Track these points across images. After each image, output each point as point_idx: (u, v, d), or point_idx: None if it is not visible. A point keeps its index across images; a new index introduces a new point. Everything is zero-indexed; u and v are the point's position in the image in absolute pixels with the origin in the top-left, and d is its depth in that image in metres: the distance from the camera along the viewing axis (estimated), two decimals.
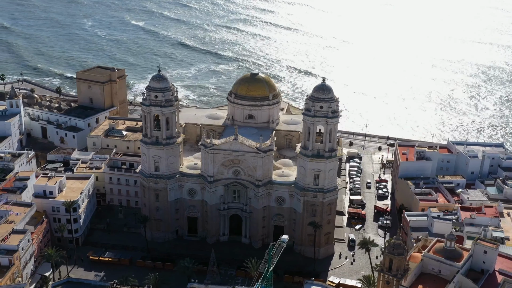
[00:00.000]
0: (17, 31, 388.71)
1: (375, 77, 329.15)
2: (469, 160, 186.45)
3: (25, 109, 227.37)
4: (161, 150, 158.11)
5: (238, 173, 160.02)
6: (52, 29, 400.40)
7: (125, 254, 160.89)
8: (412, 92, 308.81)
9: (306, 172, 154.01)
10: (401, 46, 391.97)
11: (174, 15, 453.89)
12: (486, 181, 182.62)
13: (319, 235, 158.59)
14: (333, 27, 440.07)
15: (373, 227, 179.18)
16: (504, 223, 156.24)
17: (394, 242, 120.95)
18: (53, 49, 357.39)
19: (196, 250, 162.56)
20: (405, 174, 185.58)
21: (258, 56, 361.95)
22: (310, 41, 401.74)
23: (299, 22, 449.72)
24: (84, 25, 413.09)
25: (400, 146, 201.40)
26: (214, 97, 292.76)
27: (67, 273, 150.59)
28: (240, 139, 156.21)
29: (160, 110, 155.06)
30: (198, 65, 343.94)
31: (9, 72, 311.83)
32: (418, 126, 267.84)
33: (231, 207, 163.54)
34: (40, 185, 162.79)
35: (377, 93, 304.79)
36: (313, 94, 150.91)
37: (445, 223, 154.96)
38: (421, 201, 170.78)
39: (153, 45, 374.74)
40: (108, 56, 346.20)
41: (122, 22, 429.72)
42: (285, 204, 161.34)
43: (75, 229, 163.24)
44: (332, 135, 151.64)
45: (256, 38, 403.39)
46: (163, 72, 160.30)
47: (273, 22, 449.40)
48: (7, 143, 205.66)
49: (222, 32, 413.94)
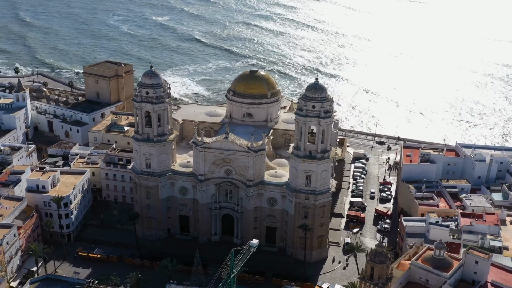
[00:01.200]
0: (38, 25, 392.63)
1: (392, 77, 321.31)
2: (476, 164, 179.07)
3: (32, 102, 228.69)
4: (152, 147, 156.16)
5: (230, 172, 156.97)
6: (72, 23, 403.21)
7: (116, 251, 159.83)
8: (432, 93, 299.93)
9: (297, 173, 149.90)
10: (425, 44, 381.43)
11: (196, 11, 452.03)
12: (493, 186, 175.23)
13: (311, 238, 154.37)
14: (356, 24, 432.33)
15: (372, 231, 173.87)
16: (505, 232, 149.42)
17: (376, 250, 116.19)
18: (72, 43, 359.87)
19: (187, 249, 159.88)
20: (408, 177, 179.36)
21: (276, 53, 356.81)
22: (332, 39, 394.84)
23: (323, 20, 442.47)
24: (106, 20, 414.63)
25: (405, 147, 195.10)
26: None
27: (55, 269, 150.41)
28: (231, 138, 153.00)
29: (151, 106, 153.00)
30: (215, 61, 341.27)
31: (26, 65, 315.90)
32: (429, 127, 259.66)
33: (223, 207, 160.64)
34: (33, 180, 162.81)
35: (393, 93, 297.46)
36: (306, 93, 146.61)
37: (442, 229, 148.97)
38: (420, 205, 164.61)
39: (172, 41, 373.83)
40: (125, 51, 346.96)
41: (144, 17, 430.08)
42: (277, 205, 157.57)
43: (67, 224, 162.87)
44: (325, 135, 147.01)
45: (276, 35, 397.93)
46: (155, 69, 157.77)
47: (295, 19, 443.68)
48: (12, 136, 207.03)
49: (242, 29, 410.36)
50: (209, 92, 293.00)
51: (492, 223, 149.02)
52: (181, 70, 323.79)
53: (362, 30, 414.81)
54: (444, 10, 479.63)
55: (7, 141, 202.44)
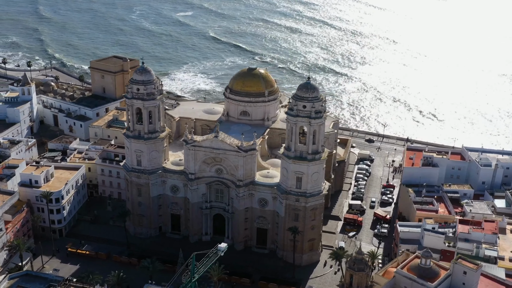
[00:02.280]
0: (55, 20, 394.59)
1: (406, 76, 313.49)
2: (480, 168, 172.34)
3: (39, 96, 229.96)
4: (142, 144, 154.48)
5: (220, 172, 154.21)
6: (92, 18, 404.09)
7: (106, 248, 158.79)
8: (447, 95, 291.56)
9: (288, 175, 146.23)
10: (444, 44, 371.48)
11: (215, 8, 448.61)
12: (497, 192, 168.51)
13: (301, 241, 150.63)
14: (374, 22, 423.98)
15: (368, 235, 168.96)
16: (503, 240, 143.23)
17: (355, 257, 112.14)
18: (88, 38, 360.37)
19: (176, 249, 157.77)
20: (409, 180, 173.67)
21: (292, 51, 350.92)
22: (349, 37, 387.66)
23: (342, 17, 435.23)
24: (126, 16, 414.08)
25: (408, 150, 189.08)
26: None
27: (42, 264, 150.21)
28: (222, 136, 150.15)
29: (141, 103, 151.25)
30: (231, 58, 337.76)
31: (41, 59, 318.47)
32: (442, 129, 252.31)
33: (213, 206, 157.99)
34: (26, 174, 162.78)
35: (406, 94, 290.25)
36: (297, 93, 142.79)
37: (437, 236, 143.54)
38: (418, 210, 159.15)
39: (189, 37, 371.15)
40: (140, 47, 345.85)
41: (164, 13, 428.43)
42: (268, 207, 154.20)
43: (58, 219, 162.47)
44: (316, 136, 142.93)
45: (294, 32, 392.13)
46: (146, 65, 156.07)
47: (315, 16, 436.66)
48: (15, 130, 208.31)
49: (260, 26, 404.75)
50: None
51: (489, 231, 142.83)
52: (196, 66, 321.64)
53: (379, 28, 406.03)
54: (465, 8, 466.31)
55: (11, 135, 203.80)
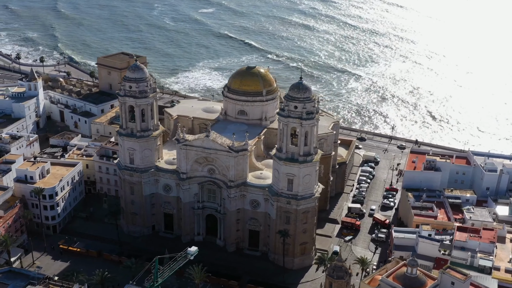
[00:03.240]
0: (72, 16, 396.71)
1: (422, 78, 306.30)
2: (484, 174, 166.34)
3: (47, 92, 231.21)
4: (135, 142, 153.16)
5: (213, 172, 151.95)
6: (109, 15, 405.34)
7: (98, 246, 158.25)
8: (462, 98, 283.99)
9: (279, 176, 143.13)
10: (466, 46, 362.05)
11: (235, 5, 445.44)
12: (501, 199, 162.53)
13: (293, 245, 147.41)
14: (396, 21, 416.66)
15: (365, 240, 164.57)
16: (501, 250, 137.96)
17: (335, 264, 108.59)
18: (103, 36, 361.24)
19: (169, 248, 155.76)
20: (410, 184, 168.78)
21: (308, 50, 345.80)
22: (367, 37, 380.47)
23: (363, 16, 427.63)
24: (146, 13, 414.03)
25: (412, 152, 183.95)
26: None
27: (33, 261, 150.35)
28: (213, 136, 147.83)
29: (134, 101, 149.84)
30: (249, 55, 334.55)
31: (55, 55, 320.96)
32: (454, 133, 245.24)
33: (206, 207, 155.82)
34: (21, 170, 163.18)
35: (419, 96, 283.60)
36: (289, 93, 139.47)
37: (432, 244, 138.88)
38: (415, 216, 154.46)
39: (207, 35, 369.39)
40: (154, 44, 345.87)
41: (183, 11, 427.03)
42: (260, 208, 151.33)
43: (52, 216, 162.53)
44: (308, 138, 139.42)
45: (311, 30, 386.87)
46: (139, 63, 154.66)
47: (335, 15, 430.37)
48: (20, 125, 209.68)
49: (278, 24, 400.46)
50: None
51: (487, 240, 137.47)
52: (211, 64, 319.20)
53: (398, 27, 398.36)
54: (487, 8, 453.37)
55: (15, 130, 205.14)
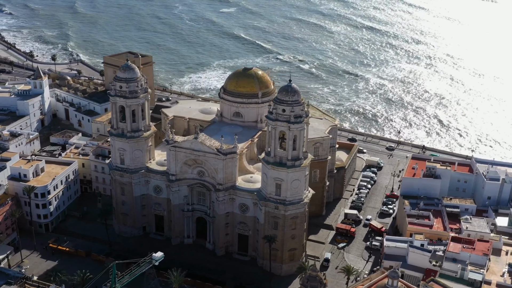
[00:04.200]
0: (88, 15, 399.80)
1: (433, 83, 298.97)
2: (485, 182, 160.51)
3: (53, 90, 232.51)
4: (125, 142, 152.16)
5: (202, 174, 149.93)
6: (127, 14, 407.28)
7: (89, 245, 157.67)
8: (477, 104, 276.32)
9: (267, 181, 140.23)
10: (481, 51, 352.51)
11: (254, 6, 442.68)
12: (501, 209, 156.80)
13: (281, 250, 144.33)
14: (413, 25, 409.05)
15: (359, 248, 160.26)
16: (495, 263, 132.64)
17: (309, 274, 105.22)
18: (117, 35, 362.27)
19: (157, 250, 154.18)
20: (408, 191, 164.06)
21: (323, 52, 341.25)
22: (383, 39, 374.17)
23: (381, 19, 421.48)
24: (164, 13, 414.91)
25: (413, 159, 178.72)
26: None
27: (21, 259, 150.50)
28: (202, 138, 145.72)
29: (124, 101, 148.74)
30: (265, 55, 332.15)
31: (77, 52, 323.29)
32: (464, 139, 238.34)
33: (196, 209, 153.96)
34: (15, 168, 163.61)
35: (431, 100, 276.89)
36: (277, 96, 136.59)
37: (423, 254, 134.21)
38: (410, 224, 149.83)
39: (222, 36, 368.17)
40: (167, 44, 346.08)
41: (202, 11, 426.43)
42: (249, 213, 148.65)
43: (44, 214, 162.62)
44: (297, 142, 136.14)
45: (330, 32, 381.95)
46: (129, 64, 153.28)
47: (353, 17, 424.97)
48: (24, 122, 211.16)
49: (294, 26, 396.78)
50: None
51: (480, 252, 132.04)
52: (226, 64, 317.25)
53: (414, 31, 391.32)
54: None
55: (19, 127, 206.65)
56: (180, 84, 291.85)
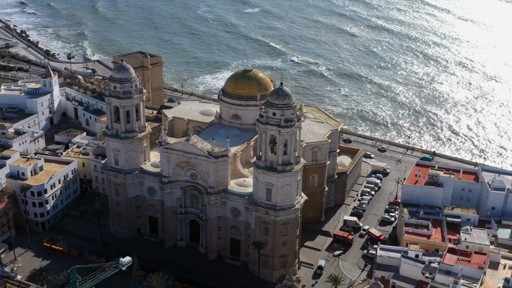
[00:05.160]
0: (107, 15, 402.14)
1: (447, 88, 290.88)
2: (490, 192, 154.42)
3: (63, 89, 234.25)
4: (119, 143, 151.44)
5: (195, 177, 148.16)
6: (147, 14, 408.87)
7: (83, 245, 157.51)
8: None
9: (258, 185, 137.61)
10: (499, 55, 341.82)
11: (274, 7, 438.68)
12: (504, 220, 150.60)
13: (272, 256, 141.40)
14: (437, 28, 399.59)
15: (356, 256, 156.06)
16: (491, 277, 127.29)
17: (285, 284, 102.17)
18: (134, 35, 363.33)
19: (150, 252, 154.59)
20: (409, 199, 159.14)
21: (339, 56, 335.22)
22: (403, 43, 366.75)
23: (404, 21, 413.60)
24: (186, 14, 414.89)
25: (417, 165, 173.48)
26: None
27: (14, 257, 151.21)
28: (194, 140, 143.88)
29: (118, 101, 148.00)
30: (284, 56, 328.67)
31: (96, 51, 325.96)
32: (477, 146, 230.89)
33: (189, 212, 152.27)
34: (14, 166, 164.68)
35: (446, 105, 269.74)
36: (268, 99, 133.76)
37: (415, 265, 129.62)
38: (406, 233, 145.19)
39: (242, 37, 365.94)
40: (183, 45, 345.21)
41: (222, 12, 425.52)
42: (241, 217, 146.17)
43: (41, 213, 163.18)
44: (288, 146, 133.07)
45: (350, 35, 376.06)
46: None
47: (374, 19, 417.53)
48: (32, 120, 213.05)
49: (313, 28, 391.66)
50: None
51: (475, 265, 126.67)
52: (245, 66, 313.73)
53: (438, 34, 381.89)
54: None
55: (27, 125, 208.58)
56: (196, 85, 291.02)
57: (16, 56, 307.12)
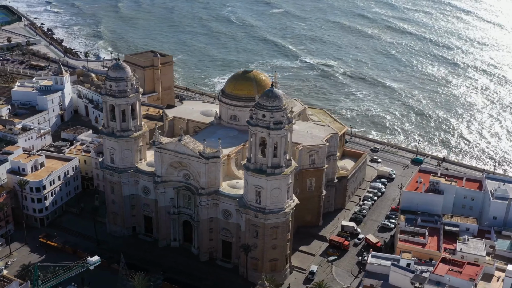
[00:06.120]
0: (130, 15, 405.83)
1: (462, 93, 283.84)
2: (491, 201, 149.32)
3: (76, 86, 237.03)
4: (114, 142, 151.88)
5: (188, 177, 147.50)
6: (168, 14, 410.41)
7: (78, 242, 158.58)
8: None
9: (248, 187, 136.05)
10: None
11: (296, 9, 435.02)
12: (505, 231, 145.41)
13: (261, 260, 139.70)
14: (458, 31, 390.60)
15: (350, 262, 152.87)
16: None
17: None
18: (158, 35, 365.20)
19: (144, 251, 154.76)
20: (408, 206, 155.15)
21: (358, 59, 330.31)
22: (425, 48, 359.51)
23: (429, 24, 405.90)
24: (208, 15, 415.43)
25: (421, 171, 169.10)
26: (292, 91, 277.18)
27: (10, 252, 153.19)
28: (186, 140, 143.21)
29: (113, 100, 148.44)
30: (303, 57, 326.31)
31: (116, 50, 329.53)
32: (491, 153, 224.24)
33: (182, 212, 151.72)
34: (15, 161, 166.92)
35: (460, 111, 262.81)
36: (259, 100, 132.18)
37: (404, 274, 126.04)
38: (400, 241, 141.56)
39: (267, 35, 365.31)
40: (202, 46, 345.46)
41: (246, 13, 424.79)
42: (232, 219, 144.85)
43: (39, 208, 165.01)
44: (278, 149, 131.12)
45: (370, 38, 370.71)
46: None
47: (398, 22, 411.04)
48: (42, 117, 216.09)
49: (336, 29, 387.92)
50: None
51: (467, 277, 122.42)
52: (264, 67, 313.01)
53: (462, 38, 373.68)
54: None
55: (36, 121, 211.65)
56: (212, 85, 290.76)
57: (37, 53, 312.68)
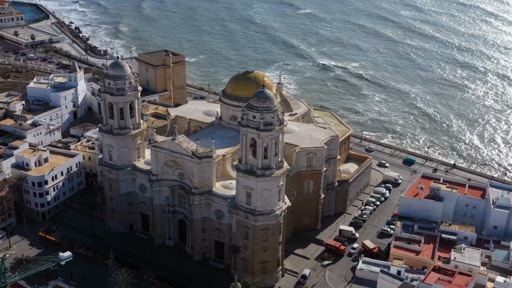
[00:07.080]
0: (151, 15, 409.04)
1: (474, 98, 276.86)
2: (491, 210, 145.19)
3: (90, 84, 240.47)
4: (112, 139, 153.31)
5: (182, 176, 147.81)
6: (192, 15, 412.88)
7: (77, 237, 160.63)
8: None
9: (239, 188, 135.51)
10: None
11: (319, 11, 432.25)
12: (504, 241, 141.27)
13: (251, 262, 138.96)
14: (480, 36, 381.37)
15: (345, 268, 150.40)
16: None
17: None
18: (181, 35, 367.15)
19: (138, 249, 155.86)
20: (406, 212, 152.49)
21: (376, 63, 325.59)
22: (448, 52, 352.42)
23: (452, 27, 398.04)
24: (232, 15, 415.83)
25: (424, 177, 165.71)
26: (305, 92, 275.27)
27: (9, 244, 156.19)
28: (180, 140, 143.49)
29: (111, 98, 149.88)
30: (320, 60, 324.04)
31: (137, 49, 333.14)
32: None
33: (177, 211, 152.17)
34: (20, 156, 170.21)
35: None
36: (250, 101, 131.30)
37: (392, 281, 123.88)
38: (394, 248, 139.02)
39: (283, 38, 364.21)
40: (218, 46, 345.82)
41: (272, 14, 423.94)
42: (225, 219, 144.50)
43: (41, 203, 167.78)
44: (269, 150, 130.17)
45: (394, 42, 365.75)
46: (117, 62, 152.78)
47: (419, 25, 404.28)
48: (54, 113, 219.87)
49: (357, 31, 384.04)
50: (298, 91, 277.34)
51: (456, 287, 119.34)
52: (286, 67, 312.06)
53: (489, 43, 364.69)
54: None
55: (49, 118, 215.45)
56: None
57: (59, 51, 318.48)
